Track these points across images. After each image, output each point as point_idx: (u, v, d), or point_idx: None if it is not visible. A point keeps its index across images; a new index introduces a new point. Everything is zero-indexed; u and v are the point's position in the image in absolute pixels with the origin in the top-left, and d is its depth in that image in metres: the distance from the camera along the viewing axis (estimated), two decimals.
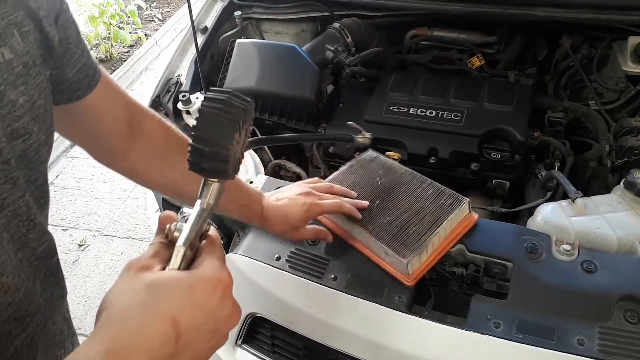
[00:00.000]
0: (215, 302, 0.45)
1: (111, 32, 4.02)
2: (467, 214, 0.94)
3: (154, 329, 0.41)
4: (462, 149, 1.20)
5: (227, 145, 0.46)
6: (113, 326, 0.41)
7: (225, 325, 0.47)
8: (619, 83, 1.33)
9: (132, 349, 0.40)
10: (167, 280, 0.44)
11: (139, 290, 0.43)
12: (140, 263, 0.45)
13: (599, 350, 0.76)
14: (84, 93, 0.65)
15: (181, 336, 0.42)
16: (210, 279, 0.45)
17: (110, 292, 0.44)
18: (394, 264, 0.88)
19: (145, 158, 0.78)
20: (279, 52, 1.40)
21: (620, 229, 0.92)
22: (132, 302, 0.42)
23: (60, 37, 0.57)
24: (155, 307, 0.42)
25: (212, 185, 0.49)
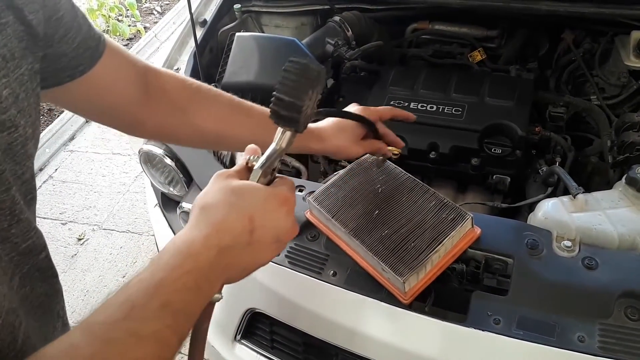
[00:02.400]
0: (281, 214, 0.57)
1: (110, 25, 4.00)
2: (469, 229, 0.91)
3: (236, 220, 0.53)
4: (462, 144, 1.19)
5: (302, 98, 0.56)
6: (207, 215, 0.53)
7: (286, 235, 0.58)
8: (621, 78, 1.32)
9: (221, 230, 0.52)
10: (248, 187, 0.56)
11: (226, 191, 0.55)
12: (227, 173, 0.58)
13: (599, 347, 0.76)
14: (88, 67, 0.64)
15: (254, 230, 0.54)
16: (280, 195, 0.57)
17: (203, 192, 0.56)
18: (390, 280, 0.87)
19: (168, 116, 0.78)
20: (278, 45, 1.39)
21: (622, 225, 0.91)
22: (220, 200, 0.54)
23: (49, 15, 0.56)
24: (238, 205, 0.54)
25: (285, 132, 0.59)
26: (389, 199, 0.93)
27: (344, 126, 0.90)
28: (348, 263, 0.93)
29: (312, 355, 1.00)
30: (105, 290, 2.26)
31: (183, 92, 0.79)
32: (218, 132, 0.83)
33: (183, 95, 0.79)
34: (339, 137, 0.89)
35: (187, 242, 0.51)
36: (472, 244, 0.91)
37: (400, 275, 0.83)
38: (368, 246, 0.87)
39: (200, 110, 0.80)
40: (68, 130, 3.26)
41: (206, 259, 0.51)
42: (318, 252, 0.96)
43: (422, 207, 0.91)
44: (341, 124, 0.90)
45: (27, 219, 0.54)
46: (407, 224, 0.89)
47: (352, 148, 0.91)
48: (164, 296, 0.47)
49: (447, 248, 0.88)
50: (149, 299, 0.47)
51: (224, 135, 0.84)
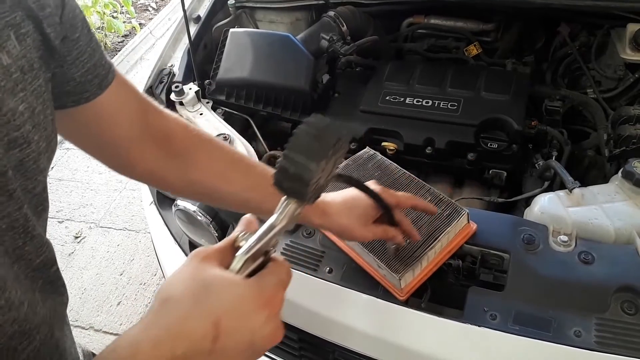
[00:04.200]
0: (259, 318, 0.46)
1: (105, 21, 3.97)
2: (465, 225, 0.91)
3: (197, 323, 0.44)
4: (458, 138, 1.18)
5: (311, 171, 0.47)
6: (165, 312, 0.44)
7: (262, 343, 0.47)
8: (618, 71, 1.32)
9: (176, 336, 0.43)
10: (222, 282, 0.46)
11: (196, 281, 0.46)
12: (206, 253, 0.48)
13: (596, 341, 0.76)
14: (93, 95, 0.61)
15: (219, 338, 0.44)
16: (262, 295, 0.46)
17: (171, 277, 0.47)
18: (386, 277, 0.86)
19: (163, 162, 0.72)
20: (273, 41, 1.38)
21: (618, 219, 0.91)
22: (186, 293, 0.45)
23: (65, 35, 0.54)
24: (204, 303, 0.44)
25: (289, 205, 0.50)
26: None
27: (355, 204, 0.79)
28: (344, 260, 0.93)
29: (309, 352, 1.00)
30: (102, 288, 2.26)
31: (184, 139, 0.73)
32: (213, 187, 0.75)
33: (184, 142, 0.73)
34: (347, 216, 0.78)
35: (131, 347, 0.43)
36: (468, 239, 0.91)
37: (396, 271, 0.82)
38: (363, 243, 0.87)
39: (198, 162, 0.73)
40: None
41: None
42: (314, 248, 0.96)
43: None
44: (353, 201, 0.79)
45: (39, 235, 0.52)
46: None
47: (359, 231, 0.79)
48: None
49: (443, 244, 0.88)
50: None
51: (218, 192, 0.76)
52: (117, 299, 2.21)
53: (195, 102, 1.34)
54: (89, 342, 2.05)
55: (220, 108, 1.39)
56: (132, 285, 2.25)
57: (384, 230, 0.81)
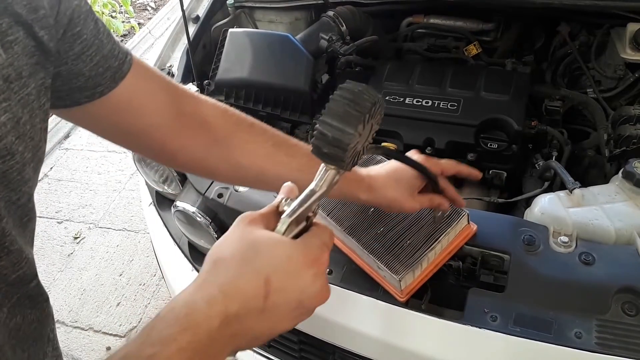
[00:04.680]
0: (307, 277, 0.47)
1: (104, 21, 3.97)
2: (465, 225, 0.90)
3: (248, 281, 0.45)
4: (458, 139, 1.18)
5: (349, 134, 0.47)
6: (217, 272, 0.46)
7: (311, 301, 0.48)
8: (618, 70, 1.32)
9: (228, 295, 0.44)
10: (270, 242, 0.48)
11: (244, 242, 0.47)
12: (252, 217, 0.50)
13: (596, 343, 0.75)
14: (108, 88, 0.59)
15: (270, 295, 0.45)
16: (308, 255, 0.48)
17: (221, 239, 0.49)
18: (386, 279, 0.86)
19: (205, 148, 0.71)
20: (272, 41, 1.38)
21: (619, 219, 0.91)
22: (235, 253, 0.47)
23: (64, 31, 0.52)
24: (254, 262, 0.46)
25: (328, 172, 0.51)
26: None
27: (400, 176, 0.78)
28: (344, 261, 0.92)
29: (309, 353, 1.00)
30: (102, 289, 2.25)
31: (224, 123, 0.71)
32: (259, 170, 0.74)
33: (224, 127, 0.71)
34: (394, 188, 0.78)
35: (187, 308, 0.44)
36: (469, 240, 0.91)
37: (396, 273, 0.82)
38: (364, 244, 0.87)
39: (241, 145, 0.72)
40: (63, 128, 3.24)
41: (206, 331, 0.43)
42: None
43: None
44: (398, 173, 0.79)
45: (18, 250, 0.50)
46: (403, 221, 0.88)
47: (407, 202, 0.79)
48: None
49: (443, 245, 0.88)
50: None
51: (265, 175, 0.74)
52: (116, 299, 2.20)
53: None
54: (89, 343, 2.05)
55: None
56: (131, 286, 2.25)
57: (430, 199, 0.82)
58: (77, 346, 2.04)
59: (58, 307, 2.20)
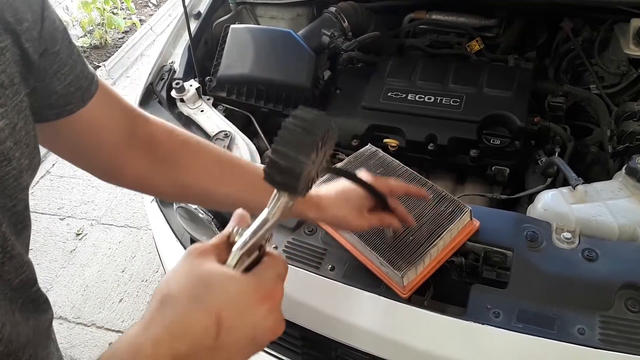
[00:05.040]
0: (260, 312, 0.46)
1: (105, 18, 3.96)
2: (468, 222, 0.90)
3: (197, 320, 0.43)
4: (461, 135, 1.18)
5: (301, 163, 0.47)
6: (164, 311, 0.43)
7: (265, 336, 0.47)
8: (621, 66, 1.31)
9: (177, 335, 0.42)
10: (221, 277, 0.45)
11: (193, 277, 0.45)
12: (202, 249, 0.47)
13: (599, 339, 0.75)
14: (77, 107, 0.60)
15: (221, 333, 0.43)
16: (261, 289, 0.46)
17: (169, 275, 0.46)
18: (389, 275, 0.86)
19: (152, 167, 0.71)
20: (273, 37, 1.37)
21: (622, 216, 0.91)
22: (184, 290, 0.44)
23: (46, 48, 0.53)
24: (204, 299, 0.44)
25: (281, 199, 0.50)
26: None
27: (348, 195, 0.79)
28: (346, 257, 0.92)
29: (311, 349, 1.00)
30: (104, 286, 2.26)
31: (171, 143, 0.72)
32: (204, 189, 0.74)
33: (168, 146, 0.72)
34: (342, 207, 0.78)
35: (131, 349, 0.42)
36: (471, 236, 0.91)
37: (398, 269, 0.82)
38: (366, 240, 0.87)
39: (187, 165, 0.72)
40: None
41: None
42: (316, 246, 0.95)
43: (420, 200, 0.90)
44: (346, 193, 0.79)
45: (19, 254, 0.50)
46: None
47: (355, 220, 0.79)
48: None
49: (446, 241, 0.87)
50: None
51: (210, 194, 0.75)
52: (119, 295, 2.21)
53: (196, 99, 1.34)
54: (91, 339, 2.05)
55: (222, 105, 1.38)
56: (134, 282, 2.25)
57: (379, 217, 0.81)
58: (80, 342, 2.05)
59: (61, 303, 2.20)
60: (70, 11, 4.07)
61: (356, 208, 0.79)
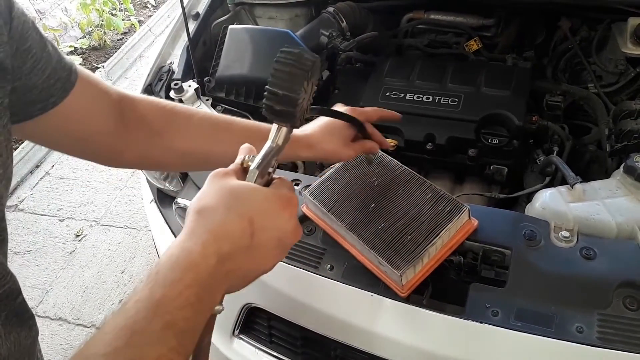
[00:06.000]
0: (284, 216, 0.53)
1: (104, 19, 3.96)
2: (466, 221, 0.90)
3: (235, 224, 0.50)
4: (459, 134, 1.18)
5: (297, 91, 0.53)
6: (204, 220, 0.50)
7: (288, 238, 0.54)
8: (619, 65, 1.32)
9: (219, 236, 0.49)
10: (246, 188, 0.53)
11: (223, 192, 0.52)
12: (224, 171, 0.55)
13: (597, 337, 0.75)
14: (59, 98, 0.61)
15: (255, 234, 0.51)
16: (282, 197, 0.54)
17: (199, 194, 0.53)
18: (387, 274, 0.86)
19: (148, 143, 0.74)
20: (272, 37, 1.38)
21: (620, 214, 0.91)
22: (217, 202, 0.51)
23: (17, 47, 0.53)
24: (236, 207, 0.51)
25: (281, 129, 0.57)
26: (385, 192, 0.92)
27: (332, 129, 0.84)
28: (345, 257, 0.92)
29: (311, 349, 1.00)
30: (104, 287, 2.26)
31: (160, 116, 0.75)
32: (201, 152, 0.78)
33: (160, 120, 0.75)
34: (329, 141, 0.84)
35: (184, 252, 0.48)
36: (470, 235, 0.91)
37: (397, 268, 0.82)
38: (365, 240, 0.87)
39: (179, 133, 0.75)
40: None
41: (206, 269, 0.48)
42: (315, 246, 0.95)
43: (418, 199, 0.90)
44: (330, 127, 0.84)
45: (1, 264, 0.50)
46: (404, 216, 0.88)
47: (343, 151, 0.85)
48: (166, 316, 0.44)
49: (444, 240, 0.87)
50: (150, 322, 0.43)
51: (208, 155, 0.79)
52: (118, 297, 2.21)
53: (194, 100, 1.34)
54: None
55: (220, 105, 1.38)
56: (133, 283, 2.26)
57: (362, 145, 0.88)
58: (79, 343, 2.05)
59: (60, 304, 2.20)
60: (69, 12, 4.07)
61: (342, 139, 0.85)
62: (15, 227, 2.59)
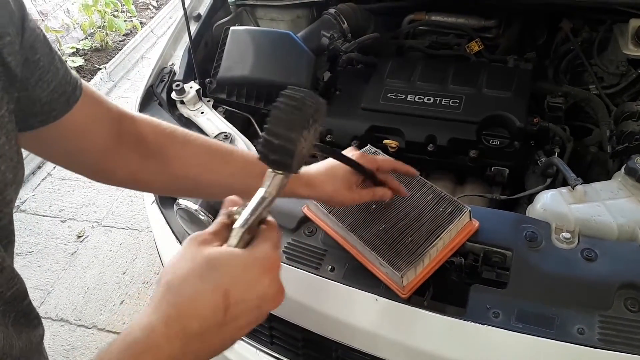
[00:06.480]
0: (264, 282, 0.48)
1: (106, 20, 3.97)
2: (467, 222, 0.90)
3: (206, 298, 0.45)
4: (460, 136, 1.18)
5: (294, 140, 0.49)
6: (172, 292, 0.45)
7: (269, 304, 0.49)
8: (620, 67, 1.32)
9: (186, 314, 0.44)
10: (224, 256, 0.48)
11: (198, 261, 0.47)
12: (201, 238, 0.49)
13: (599, 339, 0.75)
14: (61, 112, 0.60)
15: (230, 308, 0.46)
16: (262, 260, 0.49)
17: (172, 261, 0.48)
18: (388, 275, 0.86)
19: (142, 163, 0.72)
20: (273, 39, 1.38)
21: (621, 216, 0.91)
22: (190, 272, 0.46)
23: (27, 57, 0.53)
24: (211, 278, 0.46)
25: (276, 176, 0.52)
26: None
27: (336, 172, 0.81)
28: (346, 258, 0.92)
29: (312, 350, 1.00)
30: (105, 288, 2.26)
31: (158, 137, 0.73)
32: (194, 179, 0.76)
33: (159, 141, 0.73)
34: (331, 183, 0.81)
35: (145, 331, 0.43)
36: (471, 237, 0.91)
37: (398, 269, 0.82)
38: (365, 241, 0.87)
39: (176, 156, 0.74)
40: None
41: (168, 352, 0.43)
42: (316, 247, 0.95)
43: (419, 200, 0.90)
44: (333, 170, 0.81)
45: (9, 267, 0.50)
46: (405, 218, 0.88)
47: (346, 195, 0.82)
48: None
49: (445, 242, 0.87)
50: None
51: (202, 183, 0.76)
52: (120, 297, 2.21)
53: (196, 101, 1.34)
54: (92, 342, 2.05)
55: (222, 107, 1.39)
56: (135, 284, 2.26)
57: (371, 191, 0.84)
58: (81, 344, 2.05)
59: (62, 305, 2.21)
60: (71, 14, 4.07)
61: (345, 183, 0.82)
62: (17, 228, 2.57)
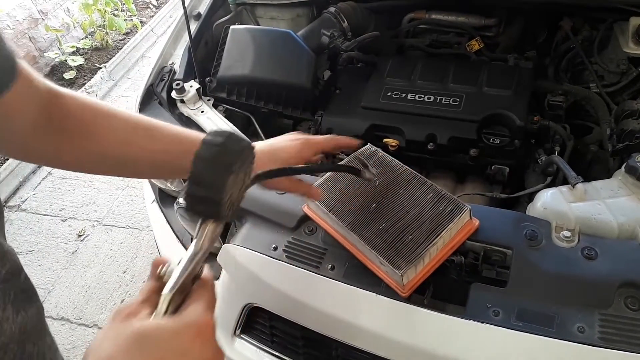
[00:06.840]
0: (197, 347, 0.46)
1: (106, 19, 3.97)
2: (467, 221, 0.90)
3: None
4: (460, 134, 1.18)
5: (220, 189, 0.46)
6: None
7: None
8: (620, 65, 1.31)
9: None
10: (150, 329, 0.45)
11: (124, 338, 0.44)
12: (128, 310, 0.47)
13: (599, 337, 0.75)
14: None
15: None
16: (193, 325, 0.46)
17: (96, 339, 0.45)
18: (388, 274, 0.86)
19: (65, 142, 0.69)
20: (273, 38, 1.38)
21: (621, 214, 0.91)
22: (117, 350, 0.43)
23: None
24: (139, 355, 0.43)
25: (207, 226, 0.49)
26: (386, 192, 0.92)
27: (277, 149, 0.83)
28: (346, 257, 0.92)
29: (312, 348, 1.00)
30: (106, 286, 2.26)
31: (84, 113, 0.69)
32: (116, 155, 0.72)
33: (84, 117, 0.69)
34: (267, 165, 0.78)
35: None
36: (471, 235, 0.91)
37: (398, 268, 0.82)
38: (366, 240, 0.87)
39: (99, 133, 0.70)
40: None
41: None
42: (316, 246, 0.95)
43: (419, 199, 0.90)
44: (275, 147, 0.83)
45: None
46: (405, 216, 0.88)
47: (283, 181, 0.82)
48: None
49: (445, 240, 0.87)
50: None
51: (124, 159, 0.73)
52: (120, 296, 2.21)
53: (196, 100, 1.34)
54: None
55: (222, 105, 1.39)
56: (135, 283, 2.26)
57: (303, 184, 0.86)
58: (82, 343, 2.05)
59: (62, 304, 2.21)
60: (72, 13, 4.07)
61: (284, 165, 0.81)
62: (17, 227, 2.60)
